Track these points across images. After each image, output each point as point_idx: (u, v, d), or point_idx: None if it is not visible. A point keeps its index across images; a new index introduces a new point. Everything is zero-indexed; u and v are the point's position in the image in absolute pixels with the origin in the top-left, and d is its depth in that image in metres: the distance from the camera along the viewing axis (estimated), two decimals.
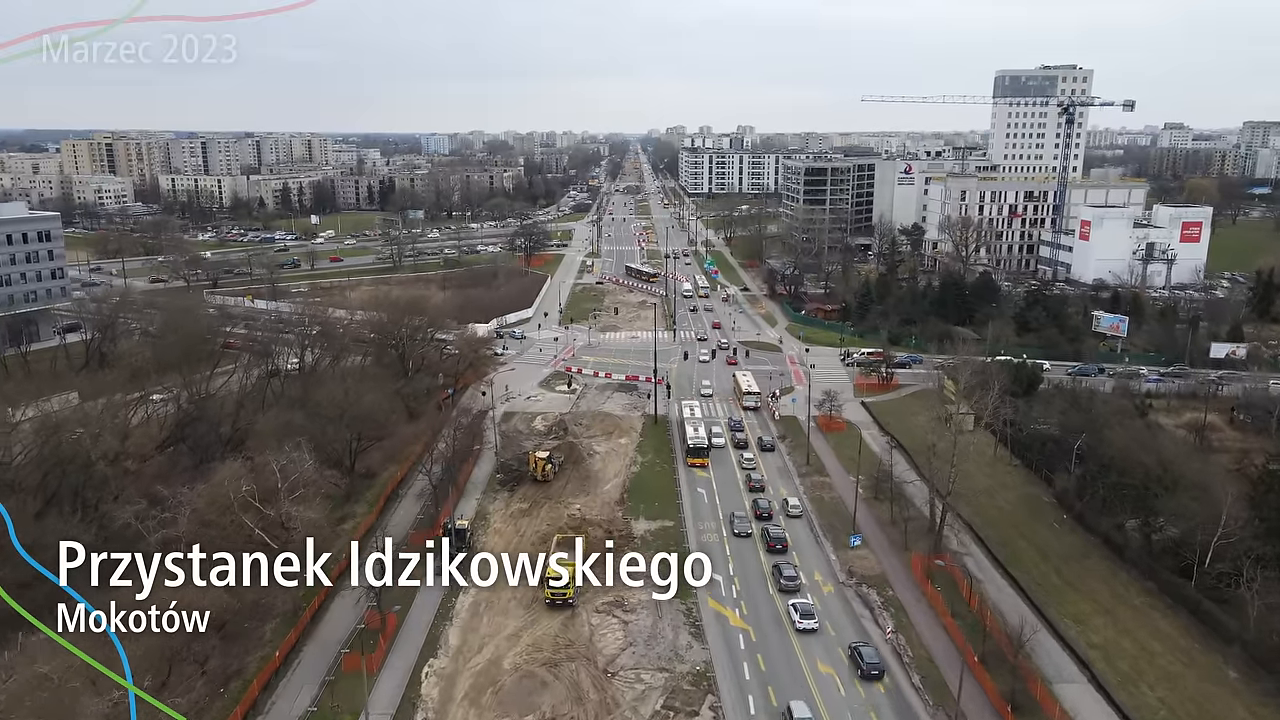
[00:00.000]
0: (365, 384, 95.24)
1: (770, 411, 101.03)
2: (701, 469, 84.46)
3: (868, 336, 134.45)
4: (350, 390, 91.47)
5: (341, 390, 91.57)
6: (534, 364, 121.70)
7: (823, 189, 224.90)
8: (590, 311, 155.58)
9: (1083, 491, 74.47)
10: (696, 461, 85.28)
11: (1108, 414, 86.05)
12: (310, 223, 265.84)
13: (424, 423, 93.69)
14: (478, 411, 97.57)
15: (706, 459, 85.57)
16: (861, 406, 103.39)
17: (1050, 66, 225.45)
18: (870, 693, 51.98)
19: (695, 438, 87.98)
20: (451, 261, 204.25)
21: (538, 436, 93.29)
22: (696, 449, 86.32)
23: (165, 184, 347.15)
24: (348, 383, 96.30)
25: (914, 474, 79.51)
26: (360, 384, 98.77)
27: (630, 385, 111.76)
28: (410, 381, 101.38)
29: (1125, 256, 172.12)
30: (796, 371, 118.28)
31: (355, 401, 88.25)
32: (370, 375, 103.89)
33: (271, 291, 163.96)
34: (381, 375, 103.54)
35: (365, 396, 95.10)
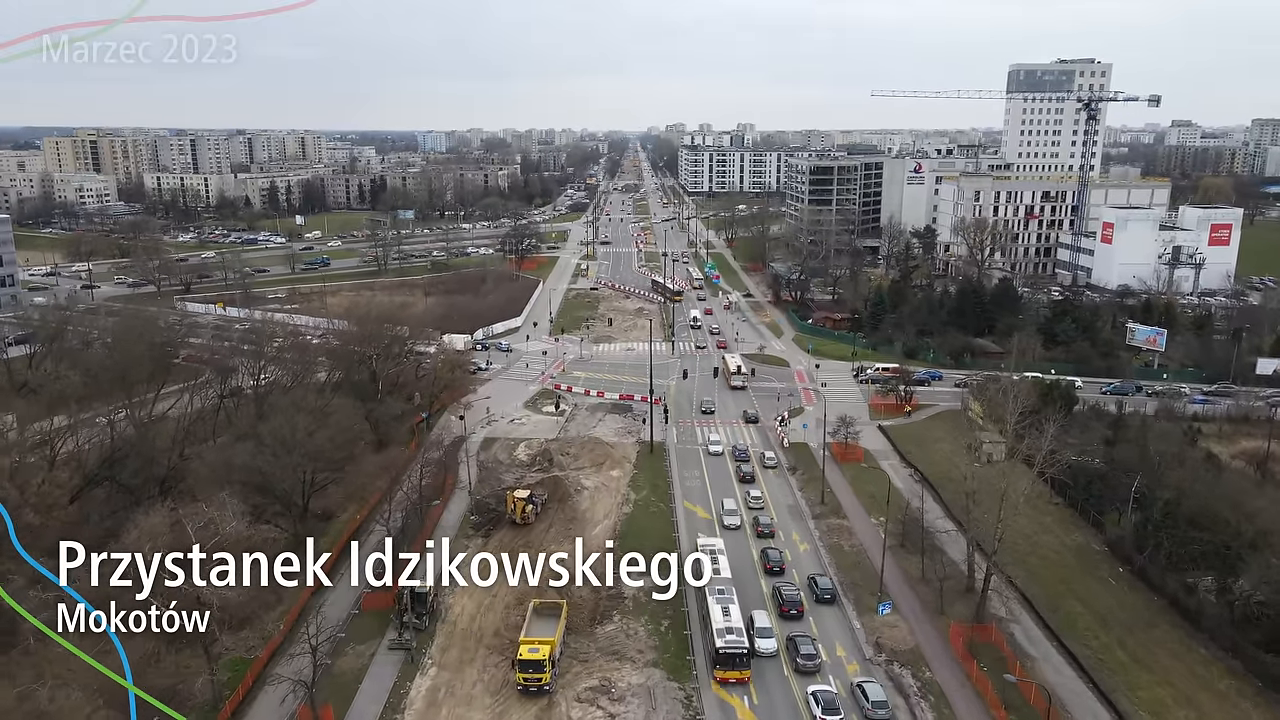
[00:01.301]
0: (330, 407, 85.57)
1: (779, 437, 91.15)
2: (738, 683, 50.95)
3: (881, 349, 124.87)
4: (310, 416, 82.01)
5: (301, 416, 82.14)
6: (520, 380, 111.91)
7: (829, 189, 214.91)
8: (583, 320, 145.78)
9: (1142, 542, 64.67)
10: (730, 676, 50.74)
11: (1160, 443, 76.45)
12: (295, 223, 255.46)
13: (394, 451, 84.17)
14: (452, 440, 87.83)
15: (747, 671, 50.97)
16: (879, 431, 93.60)
17: (1067, 60, 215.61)
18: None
19: (728, 640, 51.31)
20: (439, 265, 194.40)
21: (519, 468, 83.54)
22: (728, 655, 50.80)
23: (150, 183, 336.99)
24: (309, 407, 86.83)
25: (944, 515, 69.96)
26: (324, 407, 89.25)
27: (624, 406, 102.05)
28: (380, 405, 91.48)
29: (1150, 260, 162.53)
30: (806, 391, 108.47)
31: (316, 429, 78.78)
32: (338, 395, 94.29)
33: (244, 298, 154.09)
34: (351, 395, 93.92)
35: (330, 420, 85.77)
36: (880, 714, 47.70)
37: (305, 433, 72.56)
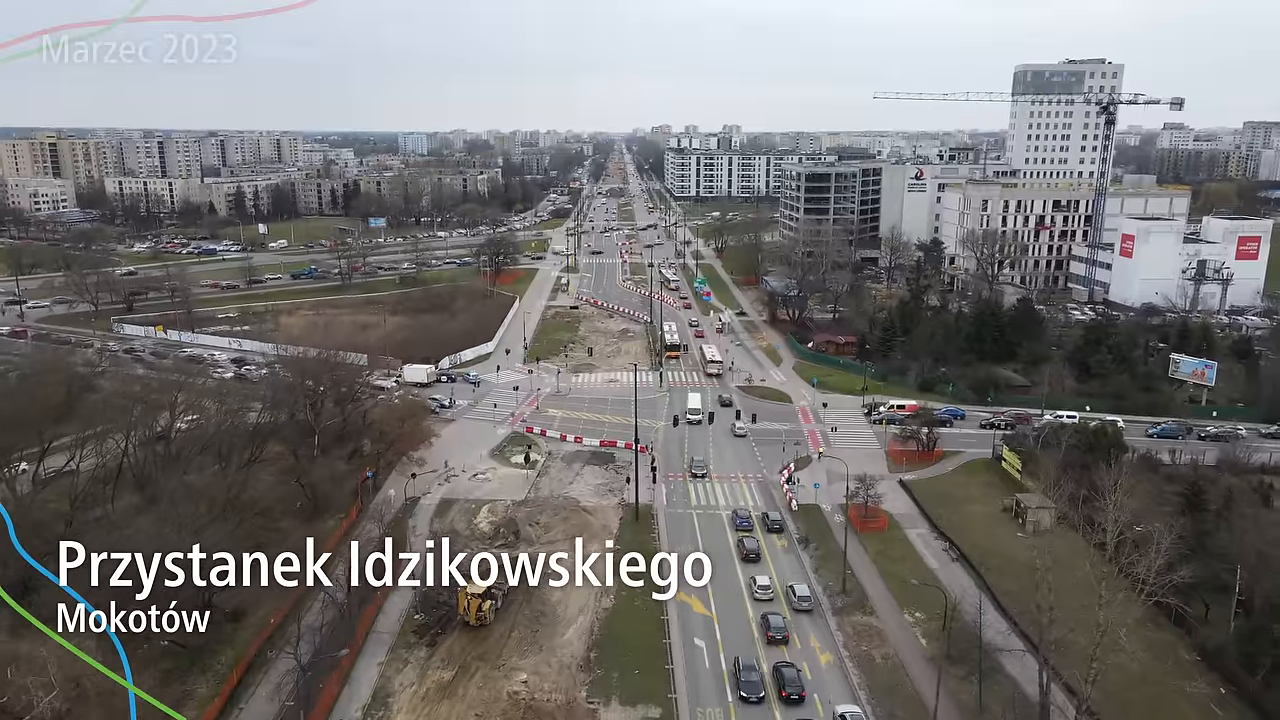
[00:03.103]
0: (250, 473, 72.10)
1: (786, 498, 77.99)
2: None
3: (892, 380, 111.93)
4: (227, 480, 68.56)
5: (217, 481, 68.67)
6: (487, 421, 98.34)
7: (825, 197, 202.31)
8: (563, 344, 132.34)
9: (1252, 659, 51.74)
10: None
11: (1239, 508, 63.82)
12: (258, 232, 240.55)
13: (328, 523, 70.72)
14: (403, 505, 74.43)
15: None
16: (901, 487, 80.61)
17: (1076, 61, 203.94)
18: None
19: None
20: (408, 279, 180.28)
21: (479, 542, 70.07)
22: None
23: (112, 187, 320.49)
24: (228, 468, 73.22)
25: (993, 605, 57.25)
26: (249, 464, 75.90)
27: (605, 454, 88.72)
28: (316, 463, 77.70)
29: (1174, 276, 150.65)
30: (813, 433, 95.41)
31: (236, 495, 65.57)
32: (272, 442, 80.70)
33: (188, 320, 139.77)
34: (288, 443, 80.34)
35: (256, 481, 72.71)
36: None
37: (210, 513, 59.05)
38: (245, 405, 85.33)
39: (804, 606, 60.12)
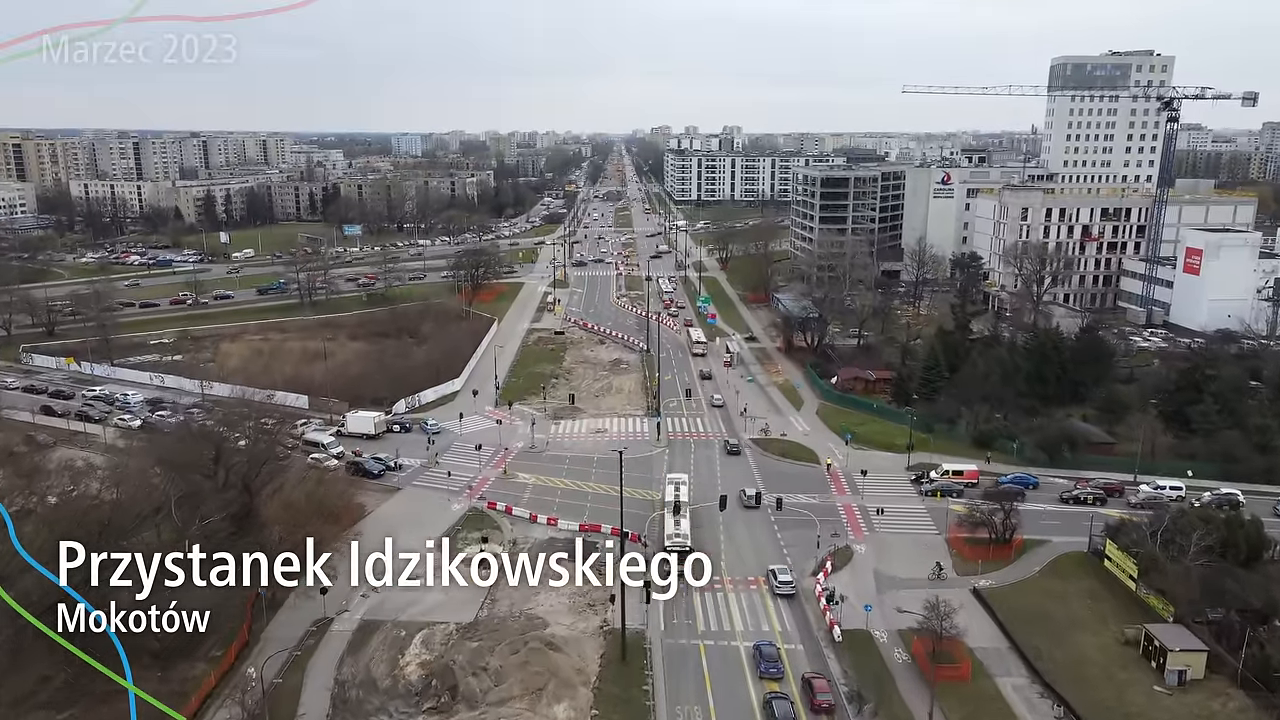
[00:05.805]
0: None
1: (827, 622, 57.72)
2: None
3: (939, 432, 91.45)
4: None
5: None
6: (440, 491, 78.30)
7: (844, 204, 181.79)
8: (543, 381, 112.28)
9: None
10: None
11: None
12: (220, 240, 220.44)
13: (202, 661, 51.09)
14: (307, 630, 54.60)
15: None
16: (975, 599, 60.64)
17: (1119, 53, 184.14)
18: None
19: None
20: (375, 297, 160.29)
21: (402, 698, 50.41)
22: None
23: (78, 190, 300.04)
24: None
25: None
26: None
27: (589, 543, 68.53)
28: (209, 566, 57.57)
29: (1248, 296, 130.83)
30: (850, 509, 75.25)
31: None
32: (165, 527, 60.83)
33: (105, 348, 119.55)
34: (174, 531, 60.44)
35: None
36: None
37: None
38: (118, 482, 65.35)
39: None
